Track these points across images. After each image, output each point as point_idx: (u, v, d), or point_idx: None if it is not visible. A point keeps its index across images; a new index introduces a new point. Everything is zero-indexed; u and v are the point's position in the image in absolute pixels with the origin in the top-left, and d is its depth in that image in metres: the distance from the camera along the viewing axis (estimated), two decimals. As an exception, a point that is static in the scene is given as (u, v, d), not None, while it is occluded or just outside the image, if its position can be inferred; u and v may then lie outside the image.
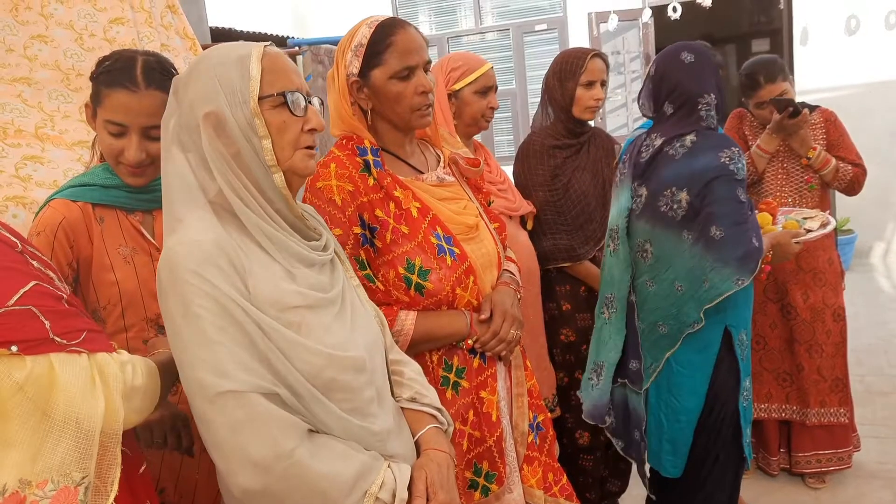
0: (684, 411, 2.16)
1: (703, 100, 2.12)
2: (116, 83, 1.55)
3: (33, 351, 0.96)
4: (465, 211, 1.81)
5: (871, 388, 3.90)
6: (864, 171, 3.01)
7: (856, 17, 6.60)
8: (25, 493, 0.96)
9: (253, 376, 1.16)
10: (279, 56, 1.30)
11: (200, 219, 1.23)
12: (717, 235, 2.02)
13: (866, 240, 6.56)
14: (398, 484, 1.25)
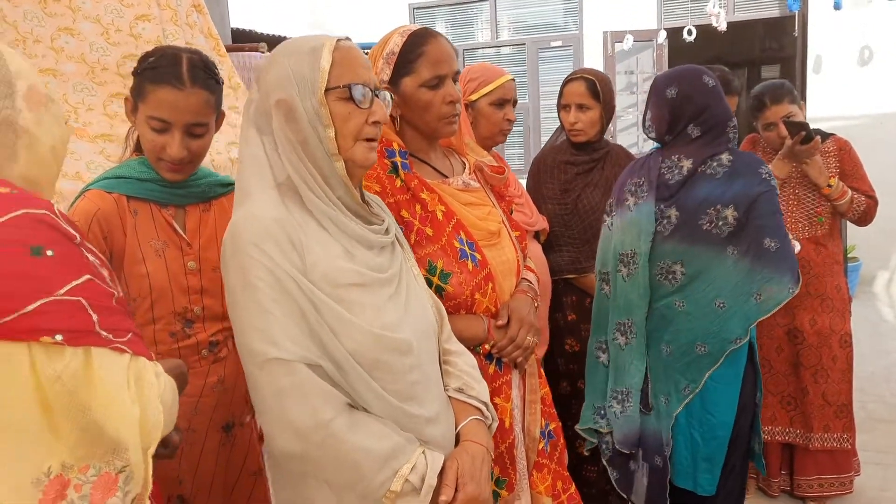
0: (721, 426, 2.17)
1: (731, 122, 2.19)
2: (162, 80, 1.57)
3: (77, 342, 0.98)
4: (489, 217, 1.83)
5: (872, 415, 3.92)
6: (877, 203, 3.04)
7: (869, 48, 6.65)
8: (69, 477, 0.98)
9: (300, 347, 1.23)
10: (351, 49, 1.35)
11: (265, 197, 1.31)
12: (773, 247, 2.07)
13: (870, 268, 6.59)
14: (429, 470, 1.28)
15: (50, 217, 1.01)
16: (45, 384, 0.95)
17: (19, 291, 0.94)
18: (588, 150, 2.80)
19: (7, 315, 0.93)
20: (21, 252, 0.96)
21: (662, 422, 2.25)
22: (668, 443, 2.23)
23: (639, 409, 2.29)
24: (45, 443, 0.97)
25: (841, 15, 6.60)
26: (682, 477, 2.25)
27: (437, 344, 1.52)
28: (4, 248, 0.95)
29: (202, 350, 1.72)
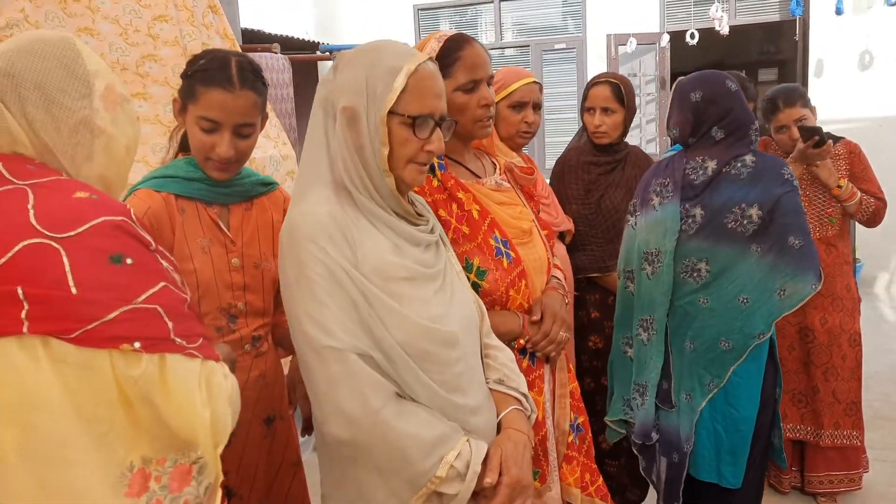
0: (744, 420, 2.22)
1: (753, 125, 2.25)
2: (213, 82, 1.60)
3: (153, 349, 1.01)
4: (521, 216, 1.88)
5: (878, 413, 3.98)
6: (885, 204, 3.10)
7: (869, 53, 6.74)
8: (149, 470, 1.02)
9: (352, 337, 1.28)
10: (427, 77, 1.38)
11: (321, 194, 1.36)
12: (797, 244, 2.13)
13: (871, 270, 6.68)
14: (473, 457, 1.33)
15: (128, 224, 1.04)
16: (124, 386, 1.00)
17: (101, 300, 0.97)
18: (610, 151, 2.86)
19: (90, 323, 0.96)
20: (102, 260, 0.99)
21: (683, 418, 2.29)
22: (688, 439, 2.27)
23: (654, 403, 2.34)
24: (128, 439, 1.01)
25: (842, 20, 6.68)
26: (706, 470, 2.30)
27: (479, 338, 1.57)
28: (86, 257, 0.98)
29: (245, 345, 1.77)
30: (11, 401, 0.94)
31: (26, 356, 0.94)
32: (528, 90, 2.55)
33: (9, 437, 0.94)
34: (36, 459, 0.94)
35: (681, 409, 2.30)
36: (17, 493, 0.94)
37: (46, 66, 1.08)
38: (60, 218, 0.99)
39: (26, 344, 0.94)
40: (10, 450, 0.94)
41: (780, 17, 7.43)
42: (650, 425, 2.35)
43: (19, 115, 1.06)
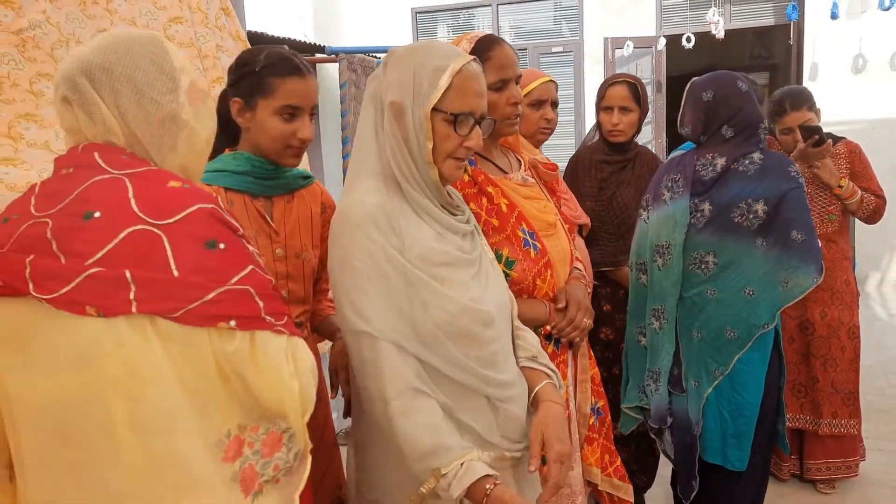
0: (748, 406, 2.32)
1: (762, 124, 2.36)
2: (288, 72, 1.70)
3: (246, 326, 1.09)
4: (546, 210, 1.98)
5: (872, 405, 4.10)
6: (885, 202, 3.23)
7: (863, 57, 6.89)
8: (244, 437, 1.12)
9: (386, 326, 1.39)
10: (471, 77, 1.48)
11: (370, 183, 1.47)
12: (799, 239, 2.23)
13: (863, 269, 6.82)
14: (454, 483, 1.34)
15: (218, 211, 1.13)
16: (220, 361, 1.09)
17: (199, 282, 1.06)
18: (621, 150, 2.97)
19: (191, 303, 1.05)
20: (198, 245, 1.08)
21: (692, 402, 2.41)
22: (697, 422, 2.39)
23: (667, 388, 2.46)
24: (225, 409, 1.10)
25: (836, 24, 6.83)
26: (712, 452, 2.41)
27: (511, 320, 1.67)
28: (185, 242, 1.07)
29: None
30: (122, 376, 1.01)
31: (136, 334, 1.02)
32: (546, 88, 2.65)
33: (121, 411, 1.01)
34: (145, 430, 1.02)
35: (689, 394, 2.42)
36: (128, 462, 1.02)
37: (138, 62, 1.16)
38: (160, 206, 1.07)
39: (135, 323, 1.02)
40: (121, 422, 1.01)
41: (774, 22, 7.57)
42: (664, 409, 2.45)
43: (113, 107, 1.14)
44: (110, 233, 1.04)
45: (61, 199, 1.08)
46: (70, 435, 1.02)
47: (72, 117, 1.14)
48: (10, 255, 1.05)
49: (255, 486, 1.13)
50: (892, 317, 6.10)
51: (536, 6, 8.56)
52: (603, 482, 2.06)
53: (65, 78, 1.13)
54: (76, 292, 1.01)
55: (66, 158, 1.15)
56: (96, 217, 1.05)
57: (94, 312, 1.01)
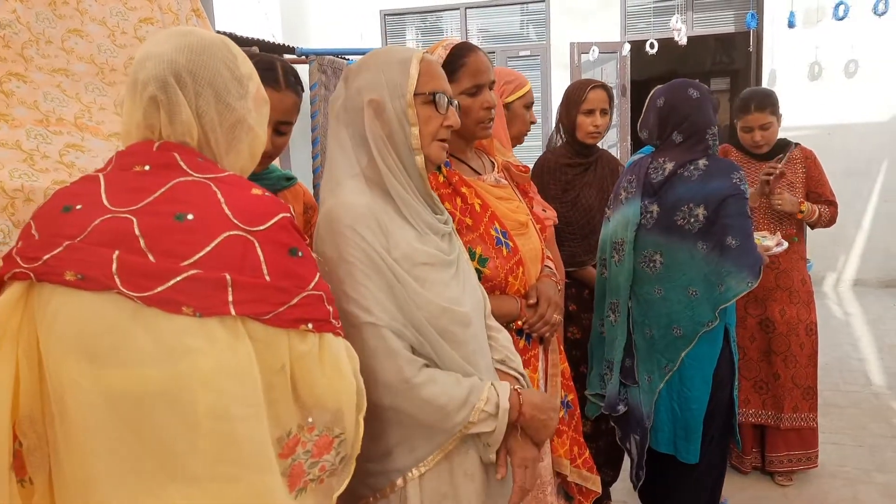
0: (695, 400, 2.43)
1: (710, 130, 2.44)
2: (262, 81, 1.72)
3: (320, 329, 1.17)
4: (518, 210, 2.05)
5: (828, 401, 4.25)
6: (837, 207, 3.38)
7: (818, 64, 7.09)
8: (300, 437, 1.18)
9: (388, 316, 1.44)
10: (433, 63, 1.58)
11: (354, 185, 1.51)
12: (733, 245, 2.32)
13: (820, 270, 7.02)
14: (501, 397, 1.52)
15: (293, 220, 1.19)
16: (292, 358, 1.14)
17: (286, 287, 1.12)
18: (585, 153, 3.06)
19: (280, 307, 1.11)
20: (284, 252, 1.14)
21: (645, 396, 2.52)
22: (649, 416, 2.51)
23: (619, 380, 2.57)
24: (292, 407, 1.16)
25: (793, 33, 7.02)
26: (665, 444, 2.53)
27: (486, 319, 1.74)
28: (273, 249, 1.12)
29: None
30: (211, 370, 1.06)
31: (228, 333, 1.07)
32: (532, 92, 2.80)
33: (205, 402, 1.06)
34: (226, 418, 1.07)
35: (642, 388, 2.53)
36: (205, 448, 1.07)
37: (216, 66, 1.19)
38: (251, 213, 1.12)
39: (228, 323, 1.07)
40: (203, 412, 1.06)
41: (735, 29, 7.76)
42: (616, 398, 2.57)
43: (193, 109, 1.17)
44: (207, 236, 1.08)
45: (142, 196, 1.10)
46: (144, 425, 1.05)
47: (154, 116, 1.16)
48: (91, 248, 1.06)
49: (301, 482, 1.19)
50: (847, 315, 6.29)
51: (504, 10, 8.65)
52: (572, 473, 2.12)
53: (156, 77, 1.15)
54: (173, 292, 1.04)
55: (135, 155, 1.16)
56: (189, 219, 1.08)
57: (190, 312, 1.04)
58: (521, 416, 1.56)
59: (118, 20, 3.40)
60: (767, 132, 3.30)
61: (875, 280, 7.22)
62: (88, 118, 2.99)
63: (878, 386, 4.60)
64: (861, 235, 7.20)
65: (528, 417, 1.57)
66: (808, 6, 6.99)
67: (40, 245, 1.09)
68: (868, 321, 6.07)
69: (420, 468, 1.51)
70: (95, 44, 3.26)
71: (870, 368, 4.92)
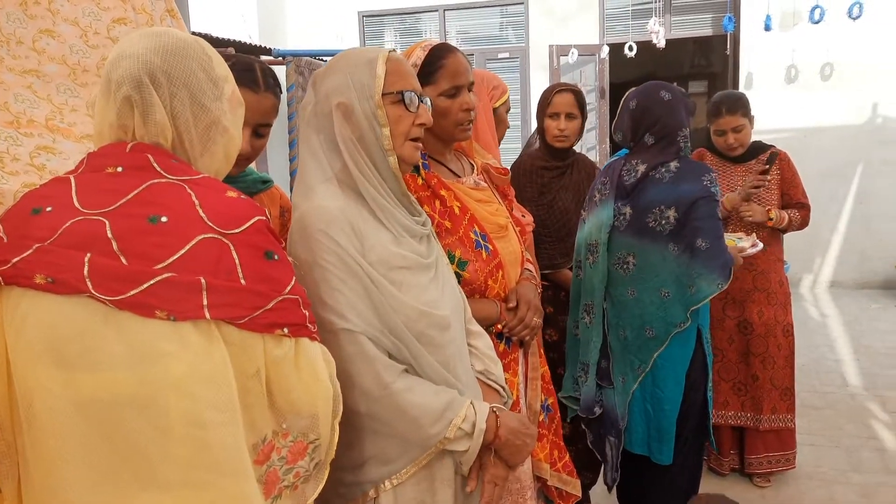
0: (668, 400, 2.44)
1: (681, 132, 2.45)
2: (240, 82, 1.67)
3: (295, 333, 1.15)
4: (497, 213, 2.03)
5: (804, 402, 4.28)
6: (809, 209, 3.40)
7: (795, 67, 7.16)
8: (275, 442, 1.17)
9: (363, 321, 1.42)
10: (400, 61, 1.55)
11: (327, 189, 1.49)
12: (703, 247, 2.32)
13: (796, 272, 7.08)
14: (478, 417, 1.51)
15: (269, 223, 1.17)
16: (267, 364, 1.13)
17: (262, 291, 1.10)
18: (561, 156, 3.06)
19: (255, 311, 1.09)
20: (260, 255, 1.12)
21: (619, 398, 2.53)
22: (623, 417, 2.51)
23: (595, 381, 2.56)
24: (266, 416, 1.15)
25: (770, 36, 7.08)
26: (639, 444, 2.54)
27: (465, 323, 1.72)
28: (249, 252, 1.10)
29: None
30: (184, 375, 1.04)
31: (202, 337, 1.05)
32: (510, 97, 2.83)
33: (178, 408, 1.04)
34: (200, 424, 1.05)
35: (617, 389, 2.54)
36: (178, 454, 1.05)
37: (192, 67, 1.17)
38: (226, 215, 1.10)
39: (202, 327, 1.05)
40: (176, 418, 1.04)
41: (712, 32, 7.81)
42: (592, 400, 2.57)
43: (168, 110, 1.15)
44: (181, 239, 1.06)
45: (115, 198, 1.08)
46: (115, 431, 1.03)
47: (127, 117, 1.14)
48: (62, 251, 1.04)
49: (276, 489, 1.18)
50: (824, 317, 6.35)
51: (483, 12, 8.65)
52: (552, 477, 2.11)
53: (131, 77, 1.12)
54: (146, 295, 1.02)
55: (108, 157, 1.14)
56: (163, 221, 1.06)
57: (163, 316, 1.02)
58: (496, 438, 1.55)
59: (91, 20, 3.35)
60: (740, 134, 3.32)
61: (851, 281, 7.29)
62: (60, 120, 2.94)
63: (854, 387, 4.64)
64: (837, 237, 7.27)
65: (504, 441, 1.56)
66: (785, 10, 7.05)
67: (9, 248, 1.06)
68: (844, 322, 6.13)
69: (393, 480, 1.50)
70: (67, 44, 3.21)
71: (846, 369, 4.96)
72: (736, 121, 3.28)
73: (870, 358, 5.16)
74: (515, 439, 1.57)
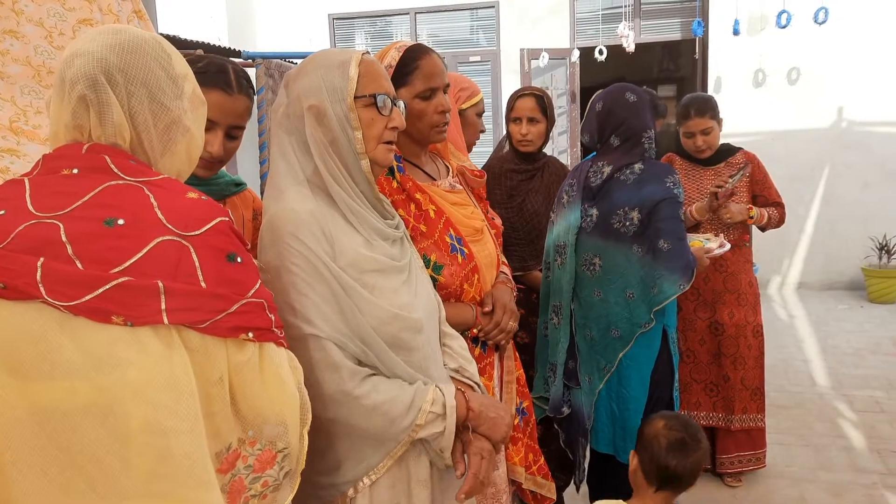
0: (633, 400, 2.46)
1: (646, 134, 2.47)
2: (213, 84, 1.66)
3: (260, 338, 1.12)
4: (473, 216, 2.03)
5: (774, 402, 4.33)
6: (784, 207, 3.46)
7: (762, 71, 7.26)
8: (241, 451, 1.13)
9: (330, 326, 1.41)
10: (373, 63, 1.54)
11: (298, 192, 1.47)
12: (665, 248, 2.35)
13: (765, 273, 7.18)
14: (446, 397, 1.51)
15: (232, 224, 1.13)
16: (230, 370, 1.10)
17: (224, 294, 1.07)
18: (530, 159, 3.07)
19: (217, 315, 1.06)
20: (222, 258, 1.08)
21: (586, 397, 2.55)
22: (589, 416, 2.54)
23: (562, 382, 2.58)
24: (230, 423, 1.11)
25: (738, 40, 7.17)
26: (605, 444, 2.56)
27: (440, 325, 1.71)
28: (210, 255, 1.07)
29: None
30: (144, 382, 1.01)
31: (161, 343, 1.02)
32: (483, 101, 2.84)
33: (138, 416, 1.00)
34: (161, 433, 1.02)
35: (583, 389, 2.56)
36: (139, 464, 1.01)
37: (150, 65, 1.14)
38: (186, 217, 1.07)
39: (161, 333, 1.02)
40: (136, 426, 1.00)
41: (681, 36, 7.90)
42: (559, 400, 2.59)
43: (126, 110, 1.12)
44: (139, 242, 1.02)
45: (70, 200, 1.05)
46: (72, 441, 1.00)
47: (83, 117, 1.11)
48: (13, 256, 1.00)
49: (241, 498, 1.15)
50: (791, 318, 6.44)
51: (454, 15, 8.66)
52: (527, 481, 2.11)
53: (85, 76, 1.09)
54: (102, 300, 0.99)
55: (63, 158, 1.11)
56: (120, 224, 1.03)
57: (120, 321, 0.99)
58: (470, 412, 1.54)
59: (56, 21, 3.29)
60: (709, 137, 3.35)
61: (818, 283, 7.41)
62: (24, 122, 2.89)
63: (822, 386, 4.71)
64: (804, 239, 7.38)
65: (478, 413, 1.56)
66: (752, 14, 7.15)
67: None
68: (811, 322, 6.23)
69: (371, 476, 1.49)
70: (32, 45, 3.15)
71: (814, 369, 5.03)
72: (704, 123, 3.32)
73: (836, 358, 5.25)
74: (489, 411, 1.58)
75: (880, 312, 6.46)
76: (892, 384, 4.68)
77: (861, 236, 7.06)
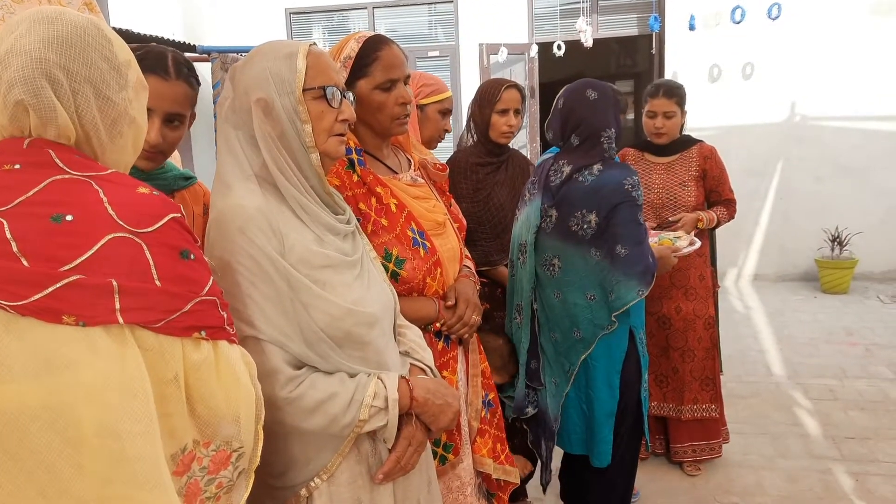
0: (602, 401, 2.43)
1: (605, 133, 2.39)
2: (149, 70, 1.60)
3: (214, 336, 1.10)
4: (435, 209, 2.01)
5: (732, 392, 4.41)
6: (735, 202, 3.50)
7: (718, 67, 7.36)
8: (196, 452, 1.10)
9: (272, 329, 1.38)
10: (321, 55, 1.50)
11: (246, 187, 1.44)
12: (622, 253, 2.28)
13: (722, 266, 7.28)
14: (388, 389, 1.48)
15: (184, 220, 1.10)
16: (186, 369, 1.07)
17: (179, 292, 1.04)
18: (497, 152, 3.06)
19: (172, 314, 1.03)
20: (175, 255, 1.05)
21: (552, 400, 2.52)
22: (556, 418, 2.51)
23: (525, 382, 2.56)
24: (186, 424, 1.08)
25: (694, 35, 7.26)
26: (577, 445, 2.54)
27: (395, 318, 1.69)
28: (163, 252, 1.03)
29: None
30: (96, 384, 0.97)
31: (114, 343, 0.99)
32: (451, 101, 2.86)
33: (90, 418, 0.97)
34: (115, 435, 0.98)
35: (549, 392, 2.53)
36: (93, 469, 0.98)
37: (92, 58, 1.08)
38: (138, 213, 1.03)
39: (114, 332, 0.99)
40: (88, 430, 0.97)
41: (638, 32, 7.97)
42: (523, 401, 2.56)
43: (71, 109, 1.06)
44: (89, 238, 0.98)
45: (12, 195, 1.00)
46: (21, 446, 0.96)
47: (23, 119, 1.05)
48: None
49: (197, 501, 1.12)
50: (748, 309, 6.55)
51: (412, 10, 8.61)
52: (496, 470, 2.11)
53: (24, 80, 1.03)
54: (52, 299, 0.95)
55: (3, 153, 1.05)
56: (69, 220, 0.98)
57: (71, 321, 0.96)
58: (413, 401, 1.53)
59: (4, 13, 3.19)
60: (670, 121, 3.38)
61: (773, 274, 7.54)
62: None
63: (778, 376, 4.80)
64: (759, 232, 7.51)
65: (422, 402, 1.55)
66: (708, 10, 7.24)
67: None
68: (767, 314, 6.34)
69: (322, 476, 1.48)
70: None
71: (770, 359, 5.12)
72: (670, 105, 3.35)
73: (792, 348, 5.35)
74: (435, 399, 1.57)
75: (833, 303, 6.59)
76: (844, 373, 4.79)
77: (814, 228, 7.20)
